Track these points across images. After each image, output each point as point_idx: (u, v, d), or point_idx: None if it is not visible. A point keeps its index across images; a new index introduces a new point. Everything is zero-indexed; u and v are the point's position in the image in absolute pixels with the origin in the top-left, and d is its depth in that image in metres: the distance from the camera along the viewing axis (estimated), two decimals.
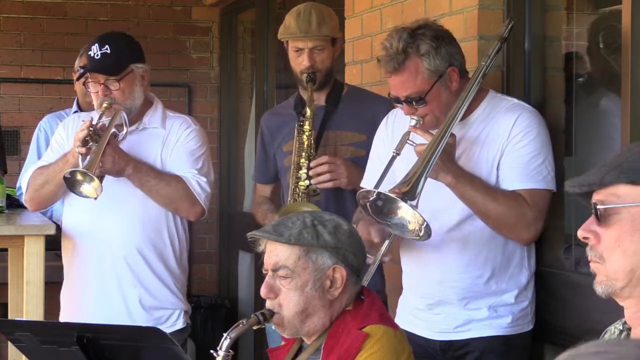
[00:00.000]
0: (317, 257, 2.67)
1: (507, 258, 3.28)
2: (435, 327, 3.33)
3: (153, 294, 4.07)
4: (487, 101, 3.29)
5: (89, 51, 3.96)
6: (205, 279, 7.63)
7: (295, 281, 2.66)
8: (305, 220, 2.69)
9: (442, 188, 3.16)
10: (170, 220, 4.08)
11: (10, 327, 3.01)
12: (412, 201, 2.95)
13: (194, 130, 4.10)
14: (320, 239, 2.66)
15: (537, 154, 3.20)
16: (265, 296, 2.70)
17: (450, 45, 3.24)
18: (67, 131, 4.13)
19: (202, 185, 4.03)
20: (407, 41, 3.18)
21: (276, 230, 2.69)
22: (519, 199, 3.17)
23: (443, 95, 3.21)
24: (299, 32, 3.92)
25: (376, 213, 3.02)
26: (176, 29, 7.58)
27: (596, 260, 1.90)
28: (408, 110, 3.22)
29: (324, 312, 2.68)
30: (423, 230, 2.98)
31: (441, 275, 3.31)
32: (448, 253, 3.29)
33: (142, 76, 4.02)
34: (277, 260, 2.68)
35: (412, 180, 2.97)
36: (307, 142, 3.86)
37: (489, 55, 3.29)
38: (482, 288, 3.28)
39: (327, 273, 2.67)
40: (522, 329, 3.32)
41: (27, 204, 4.16)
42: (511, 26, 3.38)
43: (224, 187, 7.54)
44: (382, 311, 2.75)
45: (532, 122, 3.22)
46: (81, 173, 3.75)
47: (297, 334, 2.72)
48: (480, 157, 3.24)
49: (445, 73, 3.20)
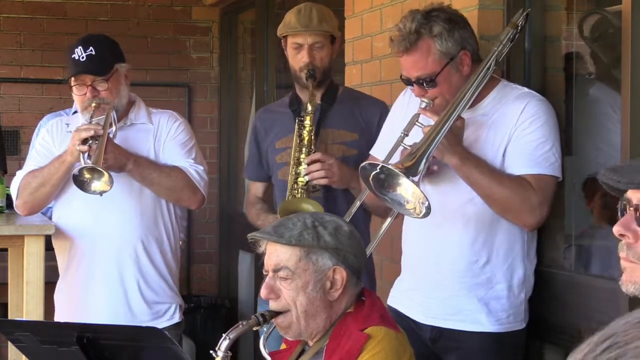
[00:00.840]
0: (318, 258, 2.67)
1: (506, 246, 3.28)
2: (427, 312, 3.33)
3: (154, 288, 4.11)
4: (498, 90, 3.30)
5: (72, 54, 3.99)
6: (205, 279, 7.63)
7: (296, 282, 2.66)
8: (305, 221, 2.69)
9: (446, 168, 3.17)
10: (166, 214, 4.12)
11: (10, 327, 3.01)
12: (414, 177, 2.95)
13: (181, 123, 4.17)
14: (321, 240, 2.67)
15: (544, 141, 3.20)
16: (266, 297, 2.70)
17: (463, 29, 3.25)
18: (52, 135, 4.16)
19: (200, 173, 4.09)
20: (421, 22, 3.19)
21: (277, 231, 2.69)
22: (524, 184, 3.17)
23: (454, 78, 3.21)
24: (299, 27, 3.93)
25: (377, 187, 3.02)
26: (176, 29, 7.59)
27: (634, 260, 1.88)
28: (419, 92, 3.22)
29: (325, 313, 2.68)
30: (423, 207, 2.98)
31: (438, 255, 3.31)
32: (448, 232, 3.29)
33: (125, 75, 4.08)
34: (277, 261, 2.68)
35: (415, 155, 2.97)
36: (307, 138, 3.86)
37: (501, 41, 3.28)
38: (477, 272, 3.27)
39: (328, 274, 2.67)
40: (514, 327, 3.31)
41: (20, 209, 4.15)
42: (526, 14, 3.38)
43: (224, 187, 7.54)
44: (382, 312, 2.76)
45: (541, 109, 3.23)
46: (89, 170, 3.78)
47: (300, 335, 2.73)
48: (487, 141, 3.25)
49: (457, 56, 3.21)
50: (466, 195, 3.23)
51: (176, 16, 7.59)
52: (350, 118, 3.99)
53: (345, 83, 4.76)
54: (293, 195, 3.85)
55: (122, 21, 7.44)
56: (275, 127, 4.09)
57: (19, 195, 4.09)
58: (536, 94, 3.31)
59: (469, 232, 3.27)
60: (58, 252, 4.18)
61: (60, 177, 3.98)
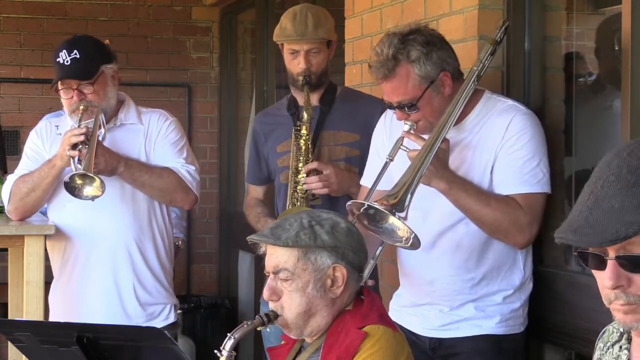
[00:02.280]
0: (316, 258, 2.67)
1: (499, 261, 3.27)
2: (425, 324, 3.33)
3: (149, 289, 4.10)
4: (482, 103, 3.27)
5: (57, 58, 3.96)
6: (205, 279, 7.63)
7: (296, 283, 2.66)
8: (302, 221, 2.69)
9: (435, 190, 3.15)
10: (159, 215, 4.11)
11: (10, 327, 3.01)
12: (401, 213, 2.95)
13: (172, 122, 4.14)
14: (318, 240, 2.67)
15: (531, 157, 3.18)
16: (268, 299, 2.70)
17: (441, 50, 3.21)
18: (42, 138, 4.15)
19: (192, 173, 4.07)
20: (398, 47, 3.16)
21: (274, 233, 2.69)
22: (512, 204, 3.15)
23: (435, 101, 3.19)
24: (295, 35, 3.93)
25: (369, 220, 3.03)
26: (176, 29, 7.59)
27: (633, 302, 1.84)
28: (401, 116, 3.21)
29: (326, 311, 2.69)
30: (412, 240, 2.98)
31: (432, 276, 3.31)
32: (440, 255, 3.28)
33: (112, 76, 4.05)
34: (277, 263, 2.68)
35: (400, 192, 2.97)
36: (304, 147, 3.87)
37: (480, 60, 3.27)
38: (472, 290, 3.27)
39: (328, 272, 2.68)
40: (512, 330, 3.30)
41: (11, 215, 4.14)
42: (505, 28, 3.37)
43: (224, 187, 7.54)
44: (381, 312, 2.76)
45: (526, 125, 3.19)
46: (80, 176, 3.77)
47: (301, 334, 2.73)
48: (473, 161, 3.22)
49: (436, 79, 3.18)
50: (456, 216, 3.22)
51: (176, 16, 7.59)
52: (350, 119, 4.00)
53: (345, 83, 4.76)
54: (293, 204, 3.86)
55: (122, 21, 7.44)
56: (275, 131, 4.09)
57: (10, 201, 4.08)
58: (521, 106, 3.27)
59: (461, 253, 3.26)
60: (52, 254, 4.16)
61: (51, 182, 3.97)
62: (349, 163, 3.92)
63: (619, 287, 1.82)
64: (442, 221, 3.26)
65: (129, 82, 6.37)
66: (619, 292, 1.83)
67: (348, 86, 4.64)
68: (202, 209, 7.48)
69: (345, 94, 4.13)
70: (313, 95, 4.00)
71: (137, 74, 7.35)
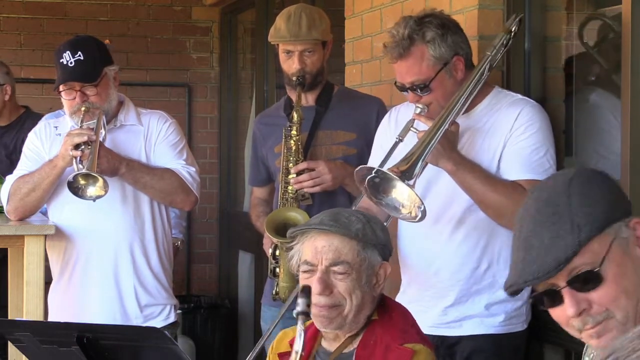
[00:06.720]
0: (371, 254, 2.69)
1: (506, 250, 3.28)
2: (429, 322, 3.33)
3: (149, 290, 4.11)
4: (492, 96, 3.31)
5: (60, 59, 3.95)
6: (205, 279, 7.63)
7: (352, 276, 2.66)
8: (358, 216, 2.71)
9: (444, 178, 3.17)
10: (159, 215, 4.12)
11: (10, 327, 3.01)
12: (409, 180, 2.96)
13: (172, 124, 4.15)
14: (375, 236, 2.69)
15: (539, 147, 3.21)
16: (320, 293, 2.64)
17: (456, 34, 3.25)
18: (41, 139, 4.15)
19: (192, 175, 4.09)
20: (413, 28, 3.20)
21: (339, 223, 2.66)
22: (518, 189, 3.17)
23: (448, 84, 3.22)
24: (288, 36, 3.93)
25: (373, 191, 3.03)
26: (176, 29, 7.59)
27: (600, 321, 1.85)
28: (413, 98, 3.23)
29: (369, 308, 2.70)
30: (419, 211, 2.99)
31: (438, 266, 3.32)
32: (446, 243, 3.30)
33: (113, 78, 4.05)
34: (337, 256, 2.66)
35: (410, 159, 2.98)
36: (295, 147, 3.87)
37: (494, 46, 3.28)
38: (478, 279, 3.28)
39: (376, 269, 2.70)
40: (514, 329, 3.31)
41: (11, 215, 4.14)
42: (519, 19, 3.37)
43: (224, 187, 7.55)
44: (418, 329, 2.76)
45: (535, 116, 3.23)
46: (83, 176, 3.77)
47: (341, 327, 2.69)
48: (482, 147, 3.25)
49: (450, 61, 3.21)
50: (464, 204, 3.23)
51: (176, 16, 7.59)
52: (347, 118, 4.00)
53: (345, 83, 4.77)
54: (283, 204, 3.86)
55: (122, 21, 7.44)
56: (273, 132, 4.09)
57: (10, 201, 4.08)
58: (530, 100, 3.31)
59: (468, 240, 3.28)
60: (52, 254, 4.16)
61: (52, 182, 3.97)
62: (347, 162, 3.92)
63: (582, 312, 1.84)
64: (450, 209, 3.28)
65: (129, 82, 6.38)
66: (584, 317, 1.85)
67: (346, 86, 4.64)
68: (202, 209, 7.48)
69: (342, 93, 4.13)
70: (310, 95, 4.00)
71: (137, 74, 7.35)
